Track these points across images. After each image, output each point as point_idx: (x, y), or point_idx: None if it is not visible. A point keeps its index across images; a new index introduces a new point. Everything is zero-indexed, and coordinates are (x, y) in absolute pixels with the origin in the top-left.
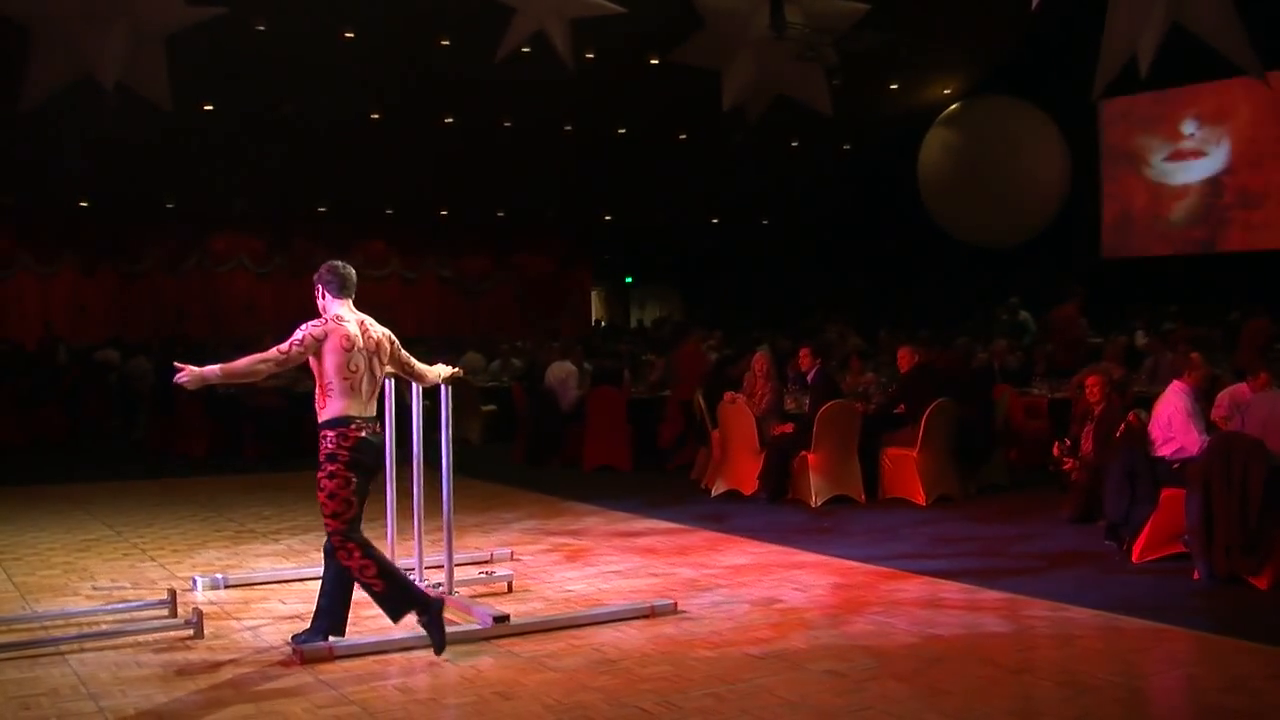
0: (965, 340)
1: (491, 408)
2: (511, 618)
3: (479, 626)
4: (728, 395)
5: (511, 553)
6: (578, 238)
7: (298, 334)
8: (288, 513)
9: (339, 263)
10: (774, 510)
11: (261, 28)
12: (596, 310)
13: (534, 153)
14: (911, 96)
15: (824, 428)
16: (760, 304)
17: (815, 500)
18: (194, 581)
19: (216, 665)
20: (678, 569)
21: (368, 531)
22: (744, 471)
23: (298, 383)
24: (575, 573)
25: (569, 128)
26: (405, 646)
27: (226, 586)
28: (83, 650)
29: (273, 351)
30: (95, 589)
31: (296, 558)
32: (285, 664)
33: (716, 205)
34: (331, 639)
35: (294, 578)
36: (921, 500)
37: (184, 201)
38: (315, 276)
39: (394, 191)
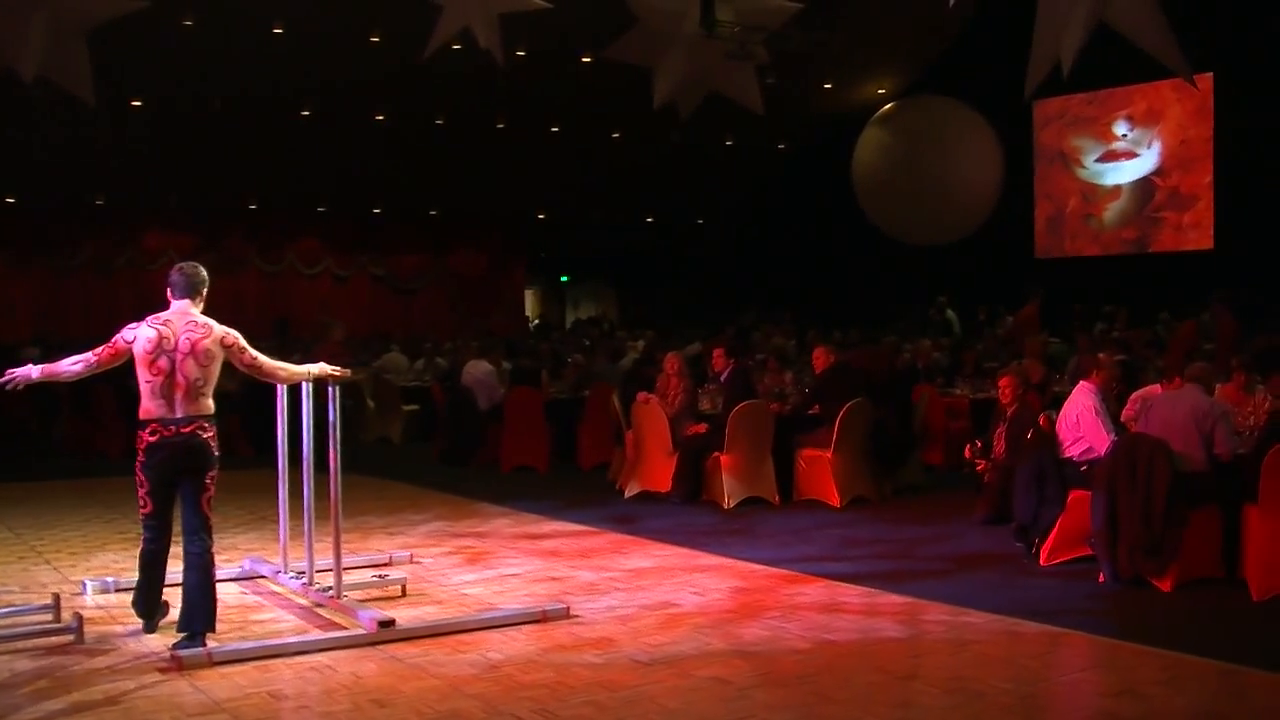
0: (891, 340)
1: (414, 407)
2: (397, 622)
3: (364, 632)
4: (640, 395)
5: (411, 555)
6: (511, 236)
7: (115, 337)
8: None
9: (187, 263)
10: (685, 512)
11: (189, 22)
12: (531, 309)
13: (467, 150)
14: (846, 96)
15: (737, 428)
16: (695, 304)
17: (728, 502)
18: (84, 585)
19: (93, 672)
20: (578, 572)
21: (263, 534)
22: (658, 473)
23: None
24: (474, 575)
25: (501, 125)
26: (293, 651)
27: (117, 590)
28: None
29: (89, 354)
30: None
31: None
32: (163, 670)
33: (650, 204)
34: (210, 644)
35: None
36: (836, 502)
37: (114, 199)
38: None
39: (326, 188)
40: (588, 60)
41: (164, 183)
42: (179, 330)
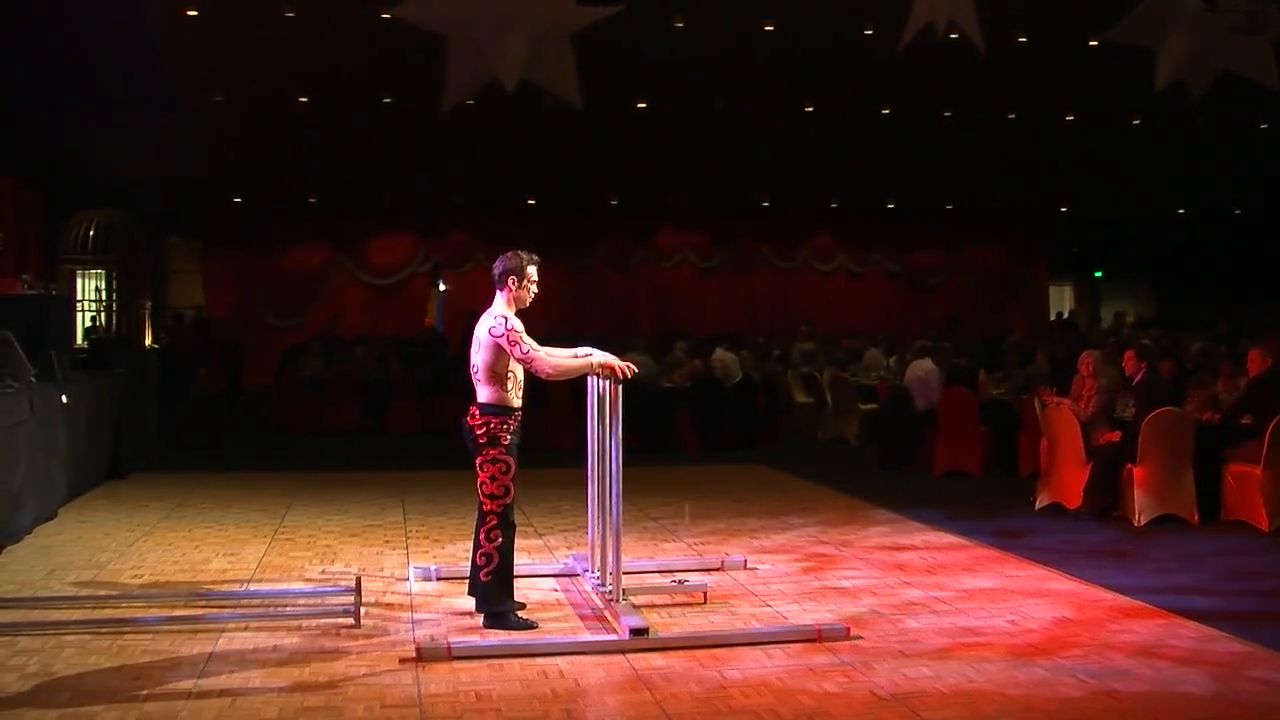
0: None
1: (872, 407)
2: (659, 632)
3: (615, 638)
4: (1051, 399)
5: (745, 561)
6: (1031, 230)
7: None
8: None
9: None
10: (1085, 529)
11: (680, 24)
12: (1061, 305)
13: (979, 142)
14: None
15: (1150, 438)
16: (1239, 300)
17: (1139, 519)
18: (410, 571)
19: (338, 655)
20: (909, 589)
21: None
22: (1069, 483)
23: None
24: (795, 586)
25: (1012, 116)
26: (533, 652)
27: (439, 579)
28: (245, 629)
29: None
30: (323, 573)
31: (536, 554)
32: (404, 660)
33: (1183, 195)
34: (454, 639)
35: None
36: (1264, 525)
37: (629, 198)
38: None
39: (837, 185)
40: (1094, 44)
41: (676, 183)
42: (481, 320)
